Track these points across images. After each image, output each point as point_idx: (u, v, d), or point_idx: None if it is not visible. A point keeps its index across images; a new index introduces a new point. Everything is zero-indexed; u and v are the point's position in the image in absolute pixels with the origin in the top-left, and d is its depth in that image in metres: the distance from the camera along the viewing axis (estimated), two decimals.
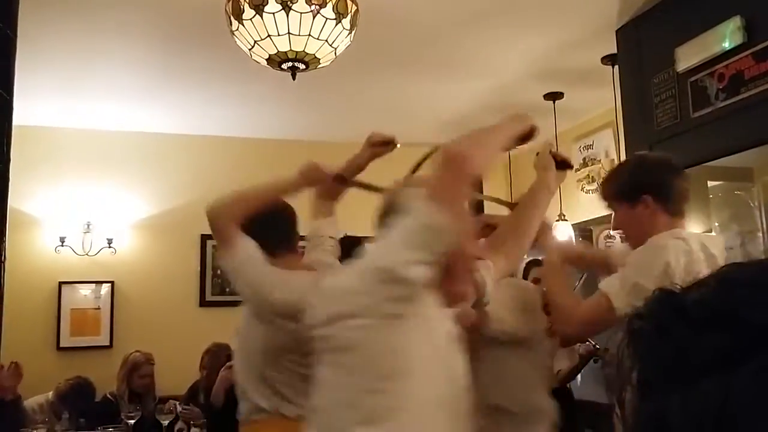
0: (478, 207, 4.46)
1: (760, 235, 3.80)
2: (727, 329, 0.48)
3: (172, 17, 3.57)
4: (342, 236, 2.86)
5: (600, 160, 5.07)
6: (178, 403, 3.94)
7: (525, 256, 2.91)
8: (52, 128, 5.28)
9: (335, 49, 2.87)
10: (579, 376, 4.16)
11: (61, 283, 5.24)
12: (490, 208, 2.92)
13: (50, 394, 4.35)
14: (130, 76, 4.39)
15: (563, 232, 4.74)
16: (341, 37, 2.84)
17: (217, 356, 4.31)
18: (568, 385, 3.95)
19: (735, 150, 3.15)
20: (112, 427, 3.80)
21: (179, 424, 3.87)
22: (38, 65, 4.12)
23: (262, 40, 2.76)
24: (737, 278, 0.53)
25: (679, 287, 0.55)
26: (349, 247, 2.29)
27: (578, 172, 5.17)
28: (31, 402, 4.27)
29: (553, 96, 4.78)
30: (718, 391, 0.46)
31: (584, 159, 5.23)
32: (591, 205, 4.66)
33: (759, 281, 0.51)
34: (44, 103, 4.82)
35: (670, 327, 0.51)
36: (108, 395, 4.41)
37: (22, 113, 4.95)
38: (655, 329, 0.52)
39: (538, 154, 2.23)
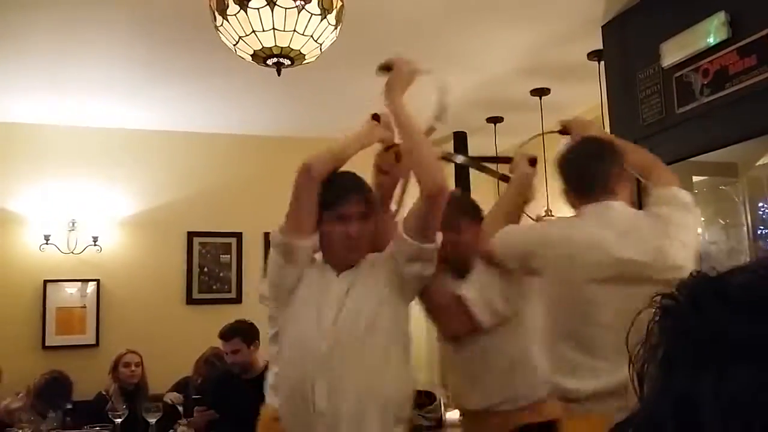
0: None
1: (745, 230, 3.82)
2: None
3: (157, 13, 3.54)
4: None
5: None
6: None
7: None
8: (36, 125, 5.23)
9: (321, 45, 2.85)
10: None
11: (46, 282, 5.19)
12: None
13: (23, 394, 4.24)
14: (114, 72, 4.35)
15: None
16: (327, 32, 2.82)
17: (214, 365, 4.33)
18: None
19: (720, 145, 3.16)
20: (99, 426, 3.77)
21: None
22: (21, 61, 4.08)
23: (246, 35, 2.74)
24: None
25: (716, 271, 0.54)
26: None
27: None
28: (9, 405, 4.19)
29: (540, 92, 4.79)
30: (753, 379, 0.46)
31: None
32: None
33: None
34: (28, 99, 4.78)
35: (707, 308, 0.50)
36: (102, 392, 4.40)
37: (4, 110, 4.93)
38: (690, 309, 0.51)
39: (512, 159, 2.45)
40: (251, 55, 2.84)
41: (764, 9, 2.83)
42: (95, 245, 5.28)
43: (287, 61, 2.85)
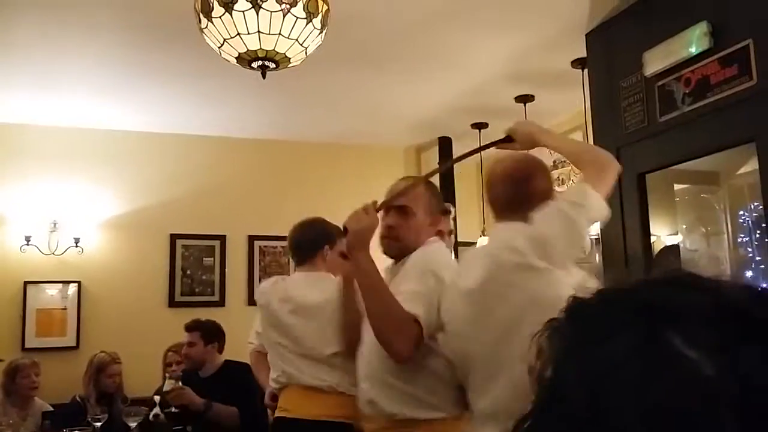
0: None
1: (725, 237, 3.85)
2: None
3: (142, 14, 3.53)
4: None
5: (569, 163, 5.10)
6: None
7: None
8: (18, 125, 5.19)
9: (306, 48, 2.85)
10: None
11: (26, 283, 5.14)
12: None
13: None
14: (99, 73, 4.33)
15: None
16: (312, 36, 2.82)
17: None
18: None
19: (701, 154, 3.19)
20: (78, 429, 3.74)
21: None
22: (4, 61, 4.05)
23: (231, 38, 2.73)
24: None
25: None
26: None
27: None
28: None
29: (524, 98, 4.81)
30: None
31: (554, 161, 5.27)
32: None
33: None
34: (10, 99, 4.74)
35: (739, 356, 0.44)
36: (77, 398, 4.34)
37: None
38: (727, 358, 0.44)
39: None
40: (236, 58, 2.84)
41: (746, 19, 2.86)
42: (77, 247, 5.24)
43: (272, 65, 2.85)
